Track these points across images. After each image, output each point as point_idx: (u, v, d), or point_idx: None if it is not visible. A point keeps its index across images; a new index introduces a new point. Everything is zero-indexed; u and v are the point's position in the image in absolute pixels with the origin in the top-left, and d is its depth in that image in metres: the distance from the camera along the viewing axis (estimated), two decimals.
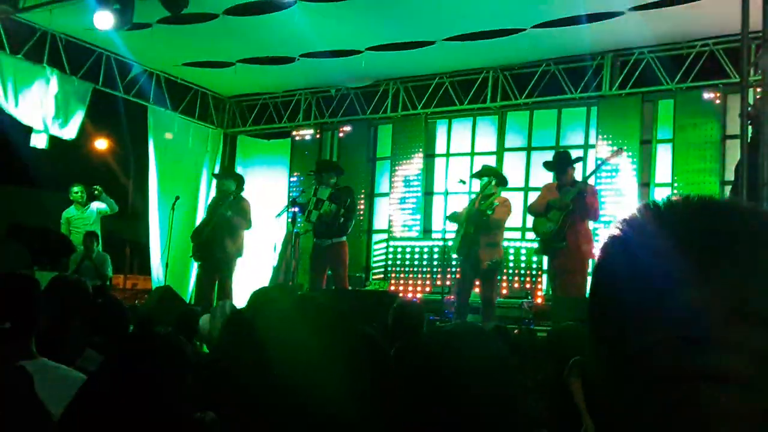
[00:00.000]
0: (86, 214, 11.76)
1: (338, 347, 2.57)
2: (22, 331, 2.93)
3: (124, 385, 2.38)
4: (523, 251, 10.56)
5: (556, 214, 8.60)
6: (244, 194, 10.79)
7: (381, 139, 13.54)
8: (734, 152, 8.99)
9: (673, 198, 0.80)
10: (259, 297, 2.91)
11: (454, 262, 9.88)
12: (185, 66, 12.86)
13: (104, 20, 9.59)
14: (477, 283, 9.41)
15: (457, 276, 9.70)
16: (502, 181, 9.45)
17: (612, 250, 0.80)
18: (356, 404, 2.11)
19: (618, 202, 10.95)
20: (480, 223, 8.98)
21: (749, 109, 6.79)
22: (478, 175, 9.56)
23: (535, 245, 9.67)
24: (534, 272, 10.46)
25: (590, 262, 9.08)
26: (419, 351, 2.11)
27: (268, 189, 14.03)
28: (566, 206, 8.52)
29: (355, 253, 12.06)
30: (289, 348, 2.55)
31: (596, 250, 8.84)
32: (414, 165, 12.78)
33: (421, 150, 12.76)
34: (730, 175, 9.36)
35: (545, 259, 9.60)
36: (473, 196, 9.66)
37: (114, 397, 2.30)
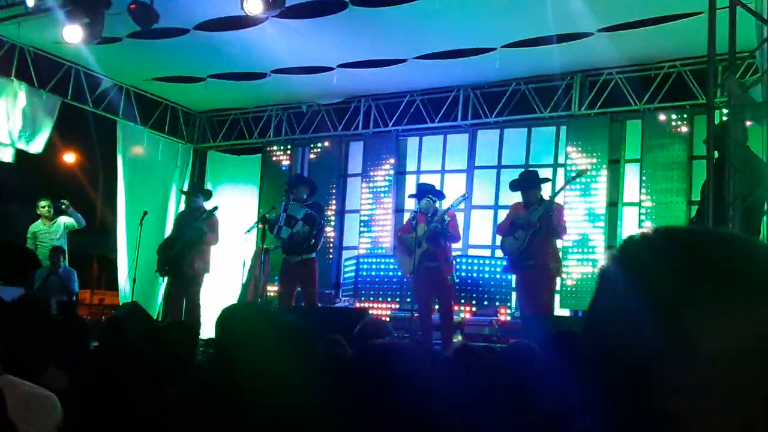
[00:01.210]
0: (53, 228, 11.60)
1: (300, 361, 2.57)
2: None
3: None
4: (492, 269, 10.57)
5: (523, 233, 8.64)
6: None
7: (352, 156, 13.54)
8: (701, 173, 9.08)
9: (657, 232, 0.83)
10: (227, 315, 2.90)
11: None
12: (156, 80, 12.79)
13: (73, 34, 9.52)
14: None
15: (417, 294, 9.61)
16: (440, 196, 9.53)
17: (600, 283, 0.85)
18: (318, 412, 2.11)
19: (586, 221, 11.05)
20: (442, 239, 9.05)
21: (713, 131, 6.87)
22: (418, 195, 9.62)
23: (503, 263, 9.70)
24: (503, 290, 10.47)
25: (558, 279, 9.12)
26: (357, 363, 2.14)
27: (238, 205, 13.96)
28: (533, 225, 8.57)
29: (325, 270, 12.02)
30: (254, 363, 2.55)
31: (563, 268, 8.98)
32: (384, 182, 12.78)
33: (391, 167, 12.78)
34: (697, 195, 9.47)
35: (514, 277, 9.61)
36: (413, 214, 9.63)
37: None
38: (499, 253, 10.18)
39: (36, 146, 11.79)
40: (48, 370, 3.68)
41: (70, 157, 18.48)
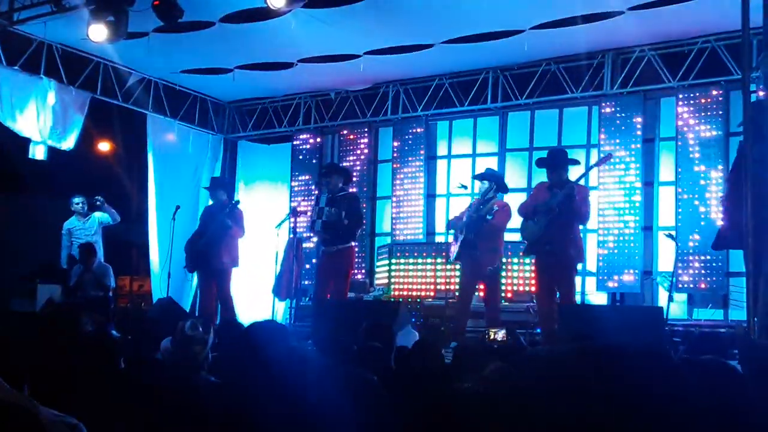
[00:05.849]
0: (87, 224, 11.68)
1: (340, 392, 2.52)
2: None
3: None
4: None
5: (542, 218, 8.38)
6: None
7: (382, 142, 13.44)
8: None
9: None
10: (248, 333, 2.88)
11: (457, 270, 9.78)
12: (183, 73, 12.77)
13: (98, 33, 9.49)
14: (480, 287, 9.34)
15: (460, 280, 9.60)
16: (501, 188, 9.30)
17: None
18: None
19: (622, 202, 10.88)
20: (480, 228, 8.88)
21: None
22: (480, 177, 9.46)
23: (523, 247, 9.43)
24: None
25: (578, 265, 8.79)
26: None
27: (270, 194, 13.97)
28: (551, 210, 8.29)
29: (358, 257, 11.99)
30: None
31: (584, 254, 8.70)
32: (415, 167, 12.69)
33: (422, 152, 12.67)
34: None
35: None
36: (474, 198, 9.56)
37: None
38: None
39: (68, 143, 11.84)
40: (77, 389, 3.65)
41: (102, 152, 18.59)
